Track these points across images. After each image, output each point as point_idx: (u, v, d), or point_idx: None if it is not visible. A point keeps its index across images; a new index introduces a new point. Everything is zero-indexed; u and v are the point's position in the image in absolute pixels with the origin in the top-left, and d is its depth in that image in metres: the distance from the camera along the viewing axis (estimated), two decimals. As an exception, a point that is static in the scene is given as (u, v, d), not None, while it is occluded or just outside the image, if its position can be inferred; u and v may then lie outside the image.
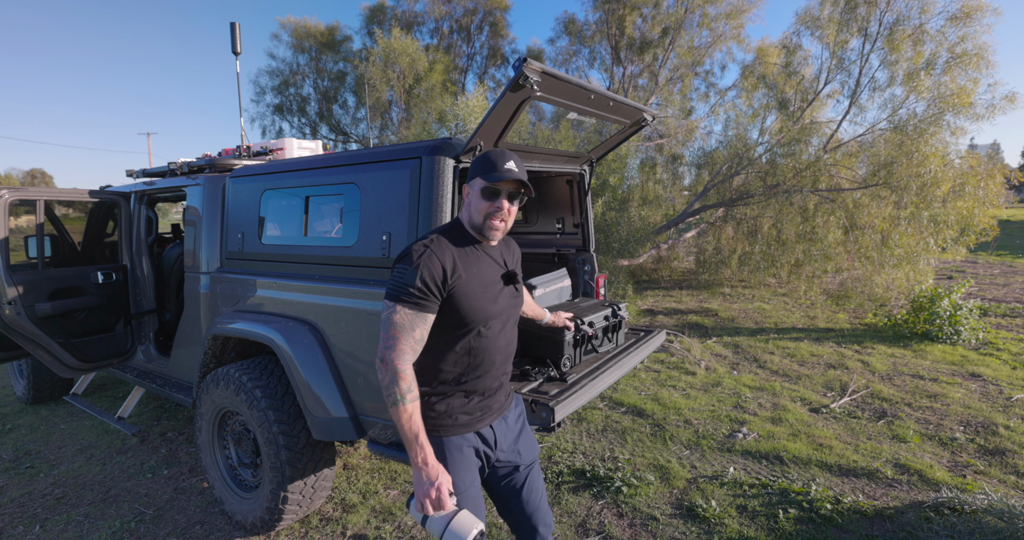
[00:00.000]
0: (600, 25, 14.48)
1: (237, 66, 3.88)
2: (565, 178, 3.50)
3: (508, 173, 1.42)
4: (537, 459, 1.72)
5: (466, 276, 1.43)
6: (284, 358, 2.38)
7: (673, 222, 10.33)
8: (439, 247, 1.41)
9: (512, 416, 1.67)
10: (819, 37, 9.77)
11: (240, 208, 2.90)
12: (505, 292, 1.54)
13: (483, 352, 1.50)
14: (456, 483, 1.45)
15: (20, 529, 2.78)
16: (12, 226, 3.09)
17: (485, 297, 1.46)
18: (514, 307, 1.59)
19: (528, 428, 1.74)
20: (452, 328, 1.44)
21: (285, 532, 2.67)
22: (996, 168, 7.65)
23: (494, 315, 1.49)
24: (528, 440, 1.70)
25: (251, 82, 19.29)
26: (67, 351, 3.29)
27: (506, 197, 1.46)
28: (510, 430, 1.64)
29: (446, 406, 1.49)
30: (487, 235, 1.48)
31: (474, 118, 10.47)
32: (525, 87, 1.94)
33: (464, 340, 1.46)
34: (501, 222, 1.48)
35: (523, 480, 1.65)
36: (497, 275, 1.54)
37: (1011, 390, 4.31)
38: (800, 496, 2.83)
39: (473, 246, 1.51)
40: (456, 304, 1.41)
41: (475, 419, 1.53)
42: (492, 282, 1.51)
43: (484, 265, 1.50)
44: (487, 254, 1.54)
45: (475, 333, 1.47)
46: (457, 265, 1.41)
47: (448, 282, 1.39)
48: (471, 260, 1.47)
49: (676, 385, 4.63)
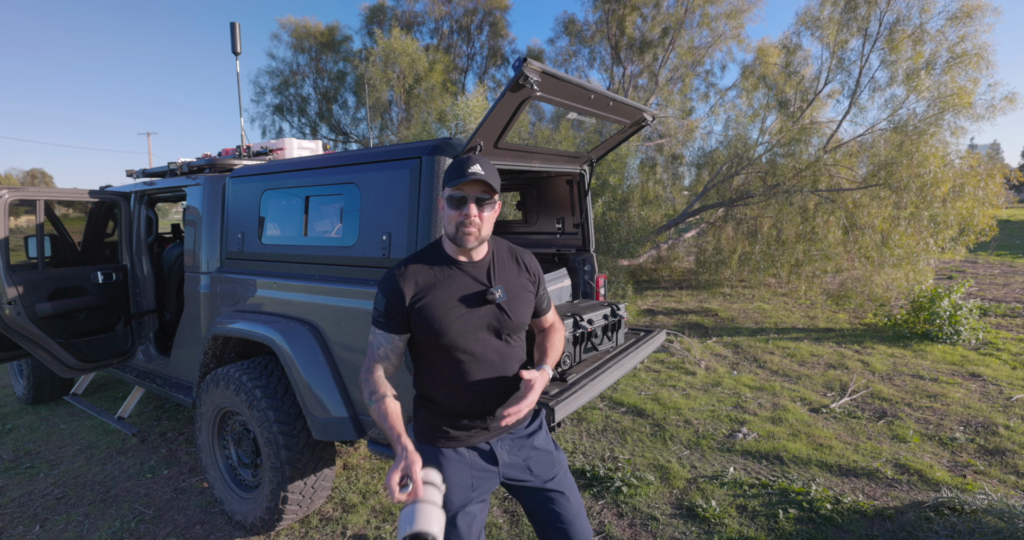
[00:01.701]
0: (600, 25, 14.49)
1: (237, 66, 3.89)
2: (565, 178, 3.50)
3: (470, 175, 1.37)
4: (559, 475, 1.59)
5: (431, 297, 1.44)
6: (284, 358, 2.38)
7: (673, 222, 10.33)
8: (404, 271, 1.48)
9: (520, 433, 1.58)
10: (819, 37, 9.77)
11: (240, 208, 2.90)
12: (480, 311, 1.46)
13: (465, 372, 1.46)
14: (451, 495, 1.43)
15: (20, 529, 2.78)
16: (12, 226, 3.09)
17: (448, 317, 1.43)
18: (499, 325, 1.48)
19: (545, 442, 1.61)
20: (427, 347, 1.48)
21: (285, 532, 2.67)
22: (996, 168, 7.65)
23: (464, 334, 1.44)
24: (543, 457, 1.58)
25: (251, 82, 19.33)
26: (67, 351, 3.29)
27: (473, 202, 1.41)
28: (517, 446, 1.55)
29: (439, 418, 1.50)
30: (462, 243, 1.44)
31: (474, 118, 10.47)
32: (525, 87, 1.94)
33: (442, 359, 1.46)
34: (473, 228, 1.42)
35: (543, 498, 1.56)
36: (469, 293, 1.47)
37: (1011, 390, 4.31)
38: (800, 496, 2.83)
39: (448, 265, 1.48)
40: (420, 324, 1.44)
41: (467, 435, 1.50)
42: (459, 302, 1.45)
43: (454, 285, 1.46)
44: (464, 273, 1.49)
45: (450, 352, 1.44)
46: (422, 287, 1.45)
47: (408, 304, 1.44)
48: (440, 280, 1.46)
49: (676, 385, 4.63)
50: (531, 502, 1.58)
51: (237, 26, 3.72)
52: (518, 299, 1.54)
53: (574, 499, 1.59)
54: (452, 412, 1.49)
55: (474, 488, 1.49)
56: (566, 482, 1.60)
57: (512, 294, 1.53)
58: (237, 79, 3.95)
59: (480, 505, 1.51)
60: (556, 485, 1.57)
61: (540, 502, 1.56)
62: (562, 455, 1.65)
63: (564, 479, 1.60)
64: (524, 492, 1.58)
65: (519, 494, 1.59)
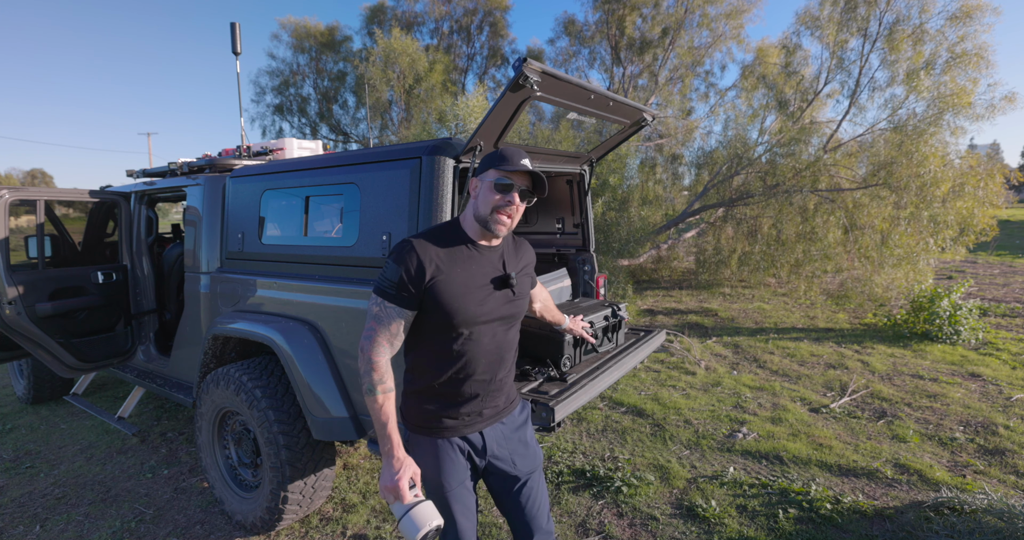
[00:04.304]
0: (600, 25, 14.49)
1: (237, 66, 3.89)
2: (565, 178, 3.50)
3: (522, 166, 1.41)
4: (537, 469, 1.65)
5: (449, 275, 1.41)
6: (284, 358, 2.38)
7: (673, 222, 10.33)
8: (423, 244, 1.42)
9: (512, 424, 1.61)
10: (819, 37, 9.78)
11: (240, 208, 2.90)
12: (496, 296, 1.48)
13: (469, 357, 1.46)
14: (442, 482, 1.49)
15: (20, 529, 2.78)
16: (12, 226, 3.09)
17: (467, 298, 1.42)
18: (509, 313, 1.52)
19: (531, 438, 1.66)
20: (435, 328, 1.44)
21: (285, 532, 2.68)
22: (996, 168, 7.65)
23: (478, 318, 1.44)
24: (527, 451, 1.63)
25: (251, 82, 19.33)
26: (67, 351, 3.29)
27: (518, 191, 1.44)
28: (506, 438, 1.58)
29: (434, 406, 1.50)
30: (492, 229, 1.44)
31: (474, 118, 10.47)
32: (525, 87, 1.94)
33: (448, 342, 1.44)
34: (508, 217, 1.44)
35: (519, 489, 1.60)
36: (488, 278, 1.47)
37: (1011, 390, 4.31)
38: (800, 496, 2.83)
39: (467, 246, 1.47)
40: (435, 303, 1.40)
41: (463, 424, 1.51)
42: (479, 284, 1.45)
43: (473, 266, 1.46)
44: (482, 255, 1.48)
45: (459, 336, 1.44)
46: (440, 264, 1.41)
47: (426, 280, 1.39)
48: (458, 259, 1.44)
49: (676, 385, 4.63)
50: (505, 490, 1.62)
51: (237, 26, 3.72)
52: (523, 286, 1.58)
53: (543, 496, 1.66)
54: (447, 398, 1.49)
55: (465, 474, 1.53)
56: (541, 479, 1.67)
57: (519, 280, 1.55)
58: (237, 79, 3.96)
59: (466, 488, 1.54)
60: (532, 482, 1.63)
61: (514, 492, 1.61)
62: (539, 452, 1.70)
63: (540, 476, 1.67)
64: (499, 477, 1.61)
65: (491, 478, 1.62)
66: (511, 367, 1.59)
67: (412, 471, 1.40)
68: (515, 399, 1.66)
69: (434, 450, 1.50)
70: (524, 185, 1.45)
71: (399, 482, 1.35)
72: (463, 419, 1.51)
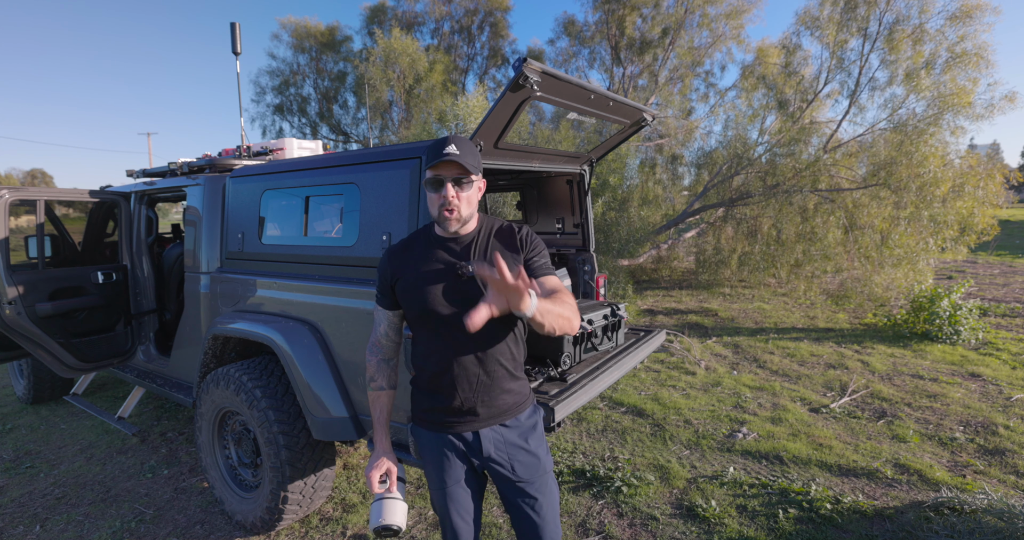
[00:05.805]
0: (600, 26, 14.48)
1: (237, 66, 3.89)
2: (565, 178, 3.50)
3: (444, 156, 1.36)
4: (542, 478, 1.55)
5: (407, 274, 1.49)
6: (284, 358, 2.38)
7: (673, 222, 10.33)
8: (394, 248, 1.56)
9: (516, 429, 1.53)
10: (819, 37, 9.77)
11: (240, 208, 2.90)
12: (454, 288, 1.44)
13: (441, 349, 1.45)
14: (435, 477, 1.52)
15: (20, 529, 2.78)
16: (12, 226, 3.09)
17: (420, 292, 1.45)
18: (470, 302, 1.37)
19: (537, 445, 1.56)
20: (411, 324, 1.55)
21: (285, 532, 2.68)
22: (996, 168, 7.65)
23: (435, 310, 1.43)
24: (530, 458, 1.53)
25: (251, 82, 19.31)
26: (67, 351, 3.29)
27: (451, 183, 1.41)
28: (506, 443, 1.51)
29: (425, 398, 1.54)
30: (444, 226, 1.46)
31: (474, 118, 10.46)
32: (525, 87, 1.94)
33: (423, 336, 1.51)
34: (450, 211, 1.42)
35: (521, 496, 1.53)
36: (447, 271, 1.45)
37: (1011, 390, 4.31)
38: (800, 496, 2.83)
39: (431, 243, 1.52)
40: (401, 300, 1.52)
41: (455, 420, 1.48)
42: (435, 279, 1.45)
43: (431, 261, 1.48)
44: (444, 249, 1.49)
45: (427, 329, 1.48)
46: (403, 263, 1.52)
47: (392, 281, 1.53)
48: (419, 257, 1.51)
49: (676, 385, 4.63)
50: (506, 494, 1.57)
51: (237, 26, 3.72)
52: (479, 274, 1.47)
53: (548, 505, 1.55)
54: (434, 391, 1.50)
55: (458, 472, 1.52)
56: (545, 488, 1.55)
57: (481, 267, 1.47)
58: (237, 79, 3.95)
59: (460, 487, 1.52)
60: (534, 490, 1.53)
61: (514, 498, 1.55)
62: (549, 461, 1.60)
63: (544, 485, 1.55)
64: (502, 482, 1.56)
65: (496, 482, 1.58)
66: (507, 365, 1.50)
67: (387, 466, 1.53)
68: (523, 403, 1.57)
69: (430, 443, 1.53)
70: (455, 174, 1.41)
71: (369, 473, 1.51)
72: (453, 415, 1.49)
